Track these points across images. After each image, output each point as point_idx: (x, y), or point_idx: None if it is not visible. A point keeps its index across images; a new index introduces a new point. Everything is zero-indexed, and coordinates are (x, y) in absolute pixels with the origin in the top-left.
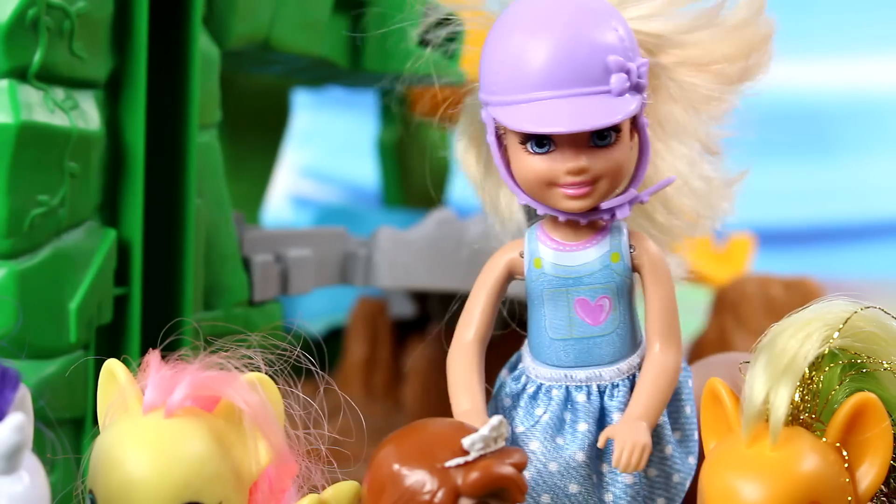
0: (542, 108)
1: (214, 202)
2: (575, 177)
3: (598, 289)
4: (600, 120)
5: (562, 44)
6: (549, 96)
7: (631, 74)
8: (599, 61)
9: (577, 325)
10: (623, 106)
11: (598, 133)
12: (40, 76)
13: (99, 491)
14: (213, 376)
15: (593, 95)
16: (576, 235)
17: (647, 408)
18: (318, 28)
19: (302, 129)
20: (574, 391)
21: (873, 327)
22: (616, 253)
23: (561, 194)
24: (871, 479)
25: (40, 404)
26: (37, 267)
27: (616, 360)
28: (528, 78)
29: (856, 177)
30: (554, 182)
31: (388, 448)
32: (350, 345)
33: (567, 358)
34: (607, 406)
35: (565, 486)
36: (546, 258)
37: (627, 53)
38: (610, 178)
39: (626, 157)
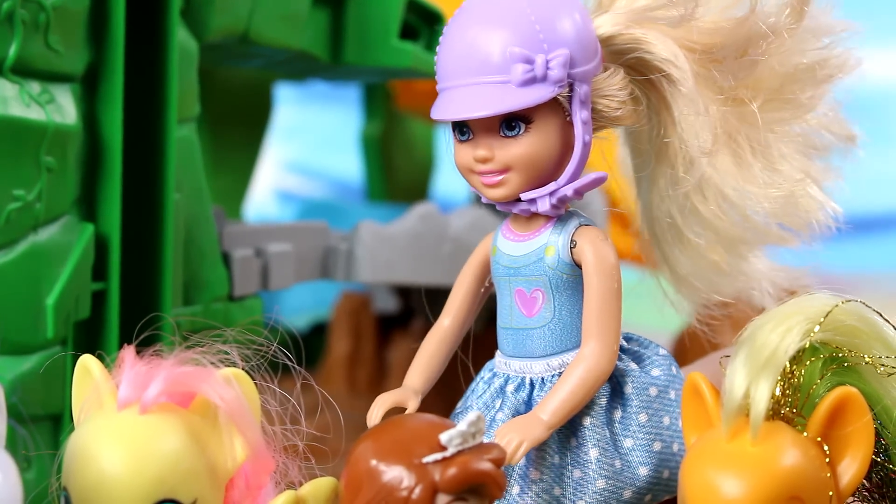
0: (450, 96)
1: (193, 196)
2: (482, 164)
3: (532, 280)
4: (483, 107)
5: (470, 33)
6: (457, 85)
7: (535, 65)
8: (502, 51)
9: (516, 315)
10: (521, 96)
11: (506, 123)
12: (16, 70)
13: (73, 488)
14: (188, 372)
15: (492, 84)
16: (523, 226)
17: (555, 407)
18: (298, 21)
19: (286, 123)
20: (509, 381)
21: (854, 321)
22: (551, 247)
23: (479, 182)
24: (853, 474)
25: (13, 401)
26: (13, 262)
27: (548, 355)
28: (446, 67)
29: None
30: (471, 169)
31: (365, 444)
32: (333, 340)
33: (507, 347)
34: (535, 398)
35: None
36: (499, 246)
37: (541, 45)
38: (521, 169)
39: (539, 149)
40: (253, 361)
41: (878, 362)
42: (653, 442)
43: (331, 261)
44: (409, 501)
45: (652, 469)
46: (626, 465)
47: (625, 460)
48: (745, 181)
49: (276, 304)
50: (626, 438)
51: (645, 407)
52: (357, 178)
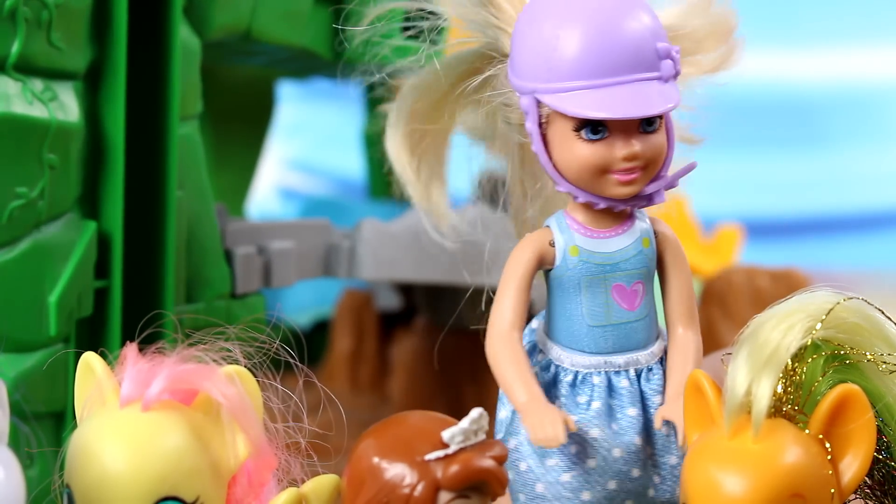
0: (601, 94)
1: (196, 194)
2: (629, 163)
3: (634, 274)
4: (659, 106)
5: (616, 29)
6: (608, 83)
7: (675, 60)
8: (650, 47)
9: (615, 310)
10: (672, 91)
11: (647, 119)
12: (18, 67)
13: (76, 485)
14: (190, 369)
15: (648, 81)
16: (607, 222)
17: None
18: (300, 18)
19: (288, 121)
20: (614, 377)
21: (857, 318)
22: (647, 238)
23: (613, 181)
24: (855, 471)
25: (15, 398)
26: (15, 260)
27: (650, 344)
28: (582, 64)
29: (844, 168)
30: (608, 169)
31: (367, 441)
32: (336, 337)
33: (606, 344)
34: (645, 390)
35: (629, 470)
36: (582, 245)
37: (667, 40)
38: (655, 163)
39: (665, 143)
40: (255, 359)
41: (880, 359)
42: None
43: (333, 258)
44: (412, 499)
45: None
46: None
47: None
48: None
49: (278, 302)
50: None
51: None
52: (359, 175)
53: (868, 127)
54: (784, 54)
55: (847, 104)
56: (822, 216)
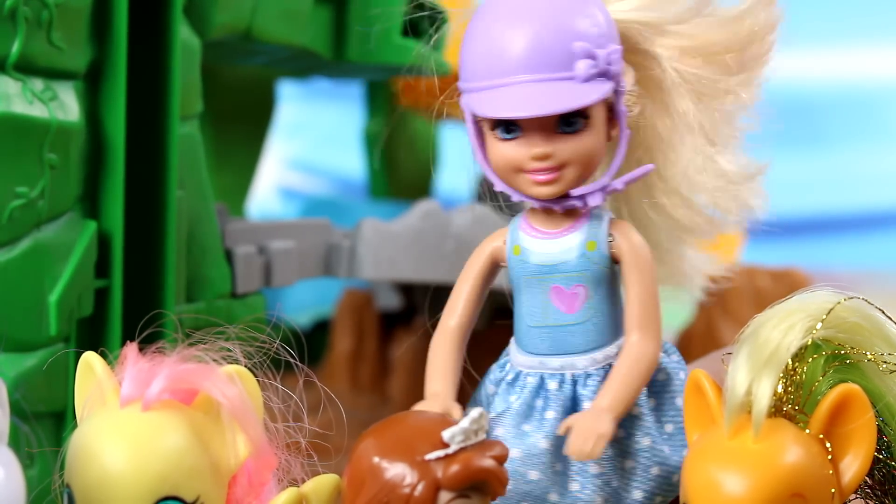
0: (506, 93)
1: (196, 194)
2: (540, 162)
3: (573, 277)
4: (560, 105)
5: (528, 30)
6: (514, 82)
7: (598, 60)
8: (565, 47)
9: (552, 312)
10: (588, 92)
11: (564, 119)
12: (18, 67)
13: (76, 485)
14: (190, 369)
15: (557, 81)
16: (554, 223)
17: (615, 397)
18: (301, 18)
19: (289, 120)
20: (548, 379)
21: (857, 318)
22: (592, 241)
23: (529, 180)
24: (855, 471)
25: (16, 398)
26: (16, 259)
27: (590, 349)
28: (495, 64)
29: (845, 167)
30: (521, 168)
31: (367, 441)
32: (336, 337)
33: (542, 345)
34: (580, 395)
35: (525, 472)
36: (525, 245)
37: (598, 40)
38: (577, 165)
39: (595, 145)
40: (255, 359)
41: (881, 359)
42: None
43: (333, 258)
44: (412, 499)
45: None
46: (672, 450)
47: (670, 445)
48: (697, 172)
49: (278, 302)
50: (667, 424)
51: (679, 391)
52: (360, 175)
53: (868, 127)
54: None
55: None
56: (822, 216)
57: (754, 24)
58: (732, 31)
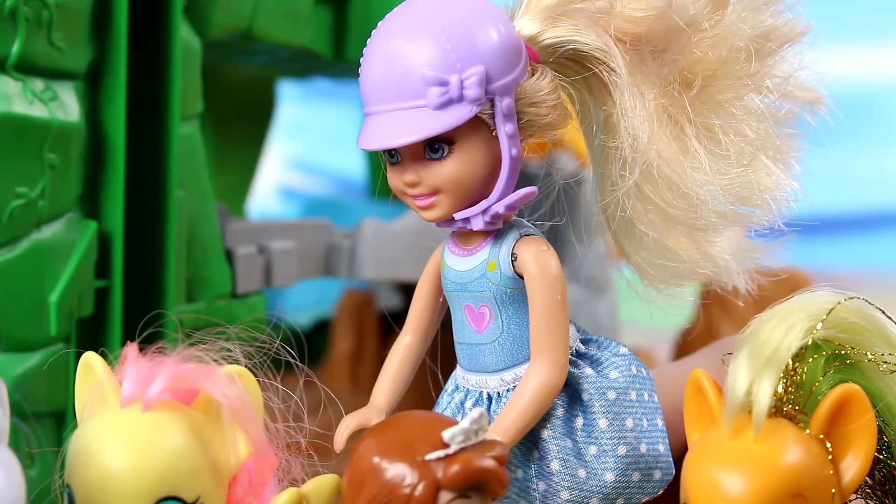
0: (372, 122)
1: (196, 194)
2: (411, 188)
3: (478, 296)
4: (405, 135)
5: (385, 57)
6: (377, 111)
7: (450, 87)
8: (416, 75)
9: (467, 330)
10: (440, 119)
11: (429, 146)
12: (19, 67)
13: (76, 485)
14: (191, 369)
15: (409, 110)
16: (465, 241)
17: (508, 424)
18: (301, 18)
19: (289, 121)
20: (468, 395)
21: (857, 318)
22: (493, 262)
23: (413, 203)
24: (855, 471)
25: (16, 398)
26: (16, 259)
27: (500, 370)
28: (364, 93)
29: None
30: (403, 192)
31: (367, 441)
32: (336, 337)
33: (464, 361)
34: (493, 414)
35: None
36: (446, 262)
37: (454, 65)
38: (449, 190)
39: (466, 169)
40: (256, 359)
41: (881, 359)
42: (617, 446)
43: (334, 258)
44: (412, 499)
45: (619, 474)
46: (591, 474)
47: (589, 468)
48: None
49: (278, 302)
50: (591, 446)
51: (605, 412)
52: (360, 175)
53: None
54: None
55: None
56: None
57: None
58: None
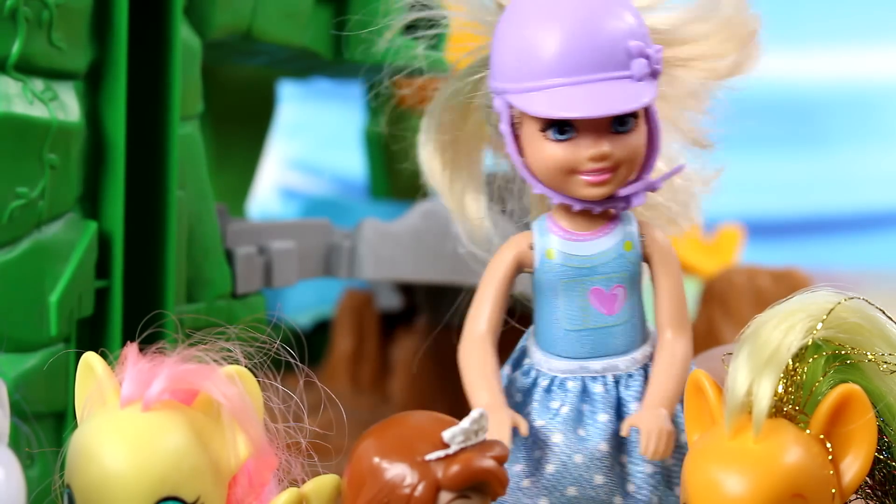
0: (565, 93)
1: (196, 194)
2: (597, 163)
3: (614, 278)
4: (624, 105)
5: (583, 28)
6: (572, 82)
7: (651, 60)
8: (621, 46)
9: (593, 315)
10: (644, 91)
11: (618, 119)
12: (19, 67)
13: (76, 486)
14: (191, 369)
15: (616, 80)
16: (588, 225)
17: (665, 395)
18: (301, 18)
19: (289, 121)
20: (590, 382)
21: (857, 318)
22: (629, 241)
23: (582, 182)
24: (856, 471)
25: (16, 398)
26: (16, 260)
27: (630, 350)
28: (549, 64)
29: (845, 168)
30: (575, 169)
31: (367, 441)
32: (337, 337)
33: (583, 349)
34: (623, 396)
35: (591, 477)
36: (559, 248)
37: (646, 39)
38: (629, 164)
39: (642, 144)
40: (256, 359)
41: (881, 359)
42: None
43: (334, 258)
44: (412, 499)
45: None
46: None
47: None
48: None
49: (279, 302)
50: None
51: None
52: (360, 175)
53: (868, 127)
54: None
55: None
56: (822, 216)
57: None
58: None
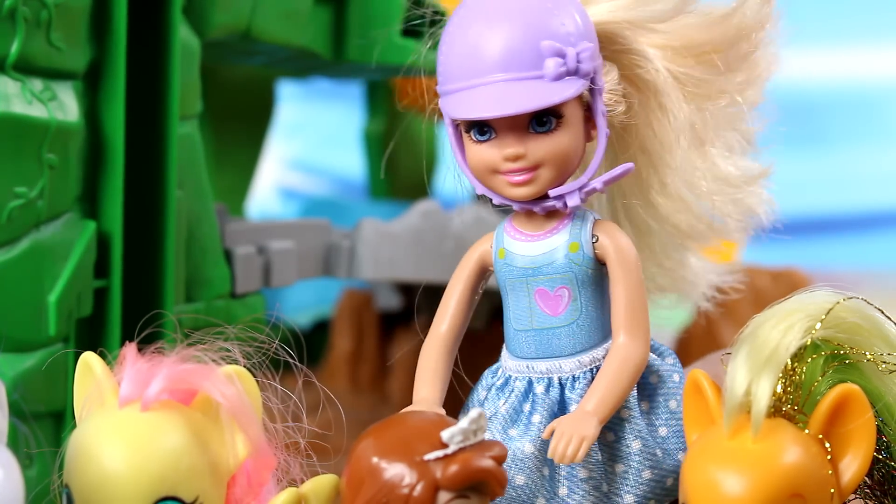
0: (475, 94)
1: (195, 194)
2: (512, 163)
3: (557, 279)
4: (527, 103)
5: (495, 30)
6: (483, 83)
7: (567, 59)
8: (532, 46)
9: (537, 315)
10: (557, 90)
11: (537, 119)
12: (18, 67)
13: (75, 486)
14: (189, 369)
15: (526, 80)
16: (537, 225)
17: (601, 400)
18: (300, 18)
19: (288, 120)
20: (535, 382)
21: (856, 318)
22: (575, 243)
23: (504, 182)
24: (854, 471)
25: (15, 398)
26: (15, 260)
27: (577, 352)
28: (464, 66)
29: (845, 168)
30: (496, 169)
31: (366, 441)
32: (336, 337)
33: (528, 349)
34: (567, 398)
35: (512, 477)
36: (509, 248)
37: (568, 38)
38: (552, 164)
39: (571, 144)
40: (255, 359)
41: (880, 359)
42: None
43: (333, 258)
44: (411, 499)
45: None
46: (665, 454)
47: (663, 448)
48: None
49: (278, 302)
50: (661, 427)
51: (673, 394)
52: (359, 175)
53: (868, 127)
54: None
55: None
56: (821, 216)
57: (741, 22)
58: (720, 30)
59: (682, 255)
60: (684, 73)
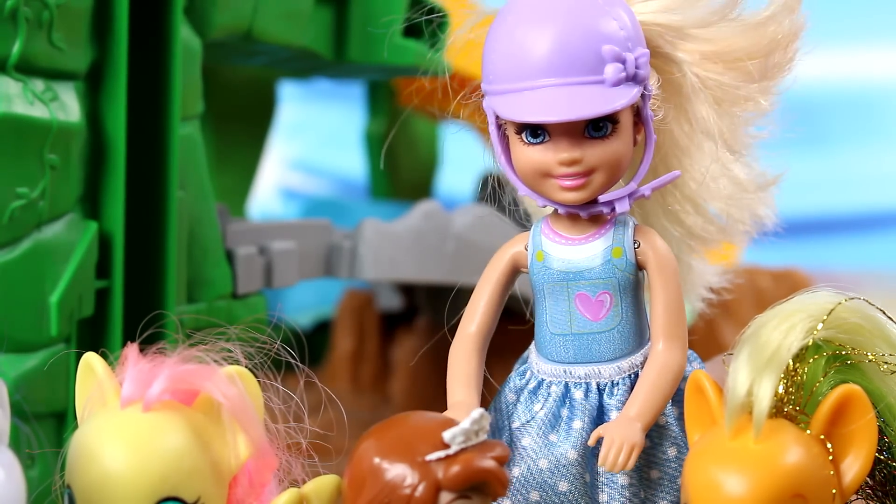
0: (533, 97)
1: (197, 194)
2: (567, 168)
3: (599, 284)
4: (590, 109)
5: (556, 32)
6: (542, 85)
7: (627, 64)
8: (594, 50)
9: (577, 320)
10: (617, 96)
11: (593, 124)
12: (19, 67)
13: (76, 486)
14: (191, 370)
15: (586, 85)
16: (579, 229)
17: (644, 407)
18: (301, 19)
19: (290, 121)
20: (573, 387)
21: (858, 318)
22: (618, 248)
23: (556, 185)
24: (856, 472)
25: (16, 398)
26: (16, 260)
27: (616, 358)
28: (521, 67)
29: (846, 168)
30: (548, 173)
31: (368, 442)
32: (337, 338)
33: (566, 353)
34: (606, 404)
35: (555, 483)
36: (548, 251)
37: (626, 43)
38: (605, 170)
39: (624, 150)
40: (256, 359)
41: (882, 360)
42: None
43: (334, 258)
44: (412, 499)
45: None
46: None
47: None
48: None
49: (279, 302)
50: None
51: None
52: (360, 175)
53: (868, 127)
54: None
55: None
56: (822, 216)
57: (778, 31)
58: (756, 38)
59: (689, 258)
60: (713, 78)
